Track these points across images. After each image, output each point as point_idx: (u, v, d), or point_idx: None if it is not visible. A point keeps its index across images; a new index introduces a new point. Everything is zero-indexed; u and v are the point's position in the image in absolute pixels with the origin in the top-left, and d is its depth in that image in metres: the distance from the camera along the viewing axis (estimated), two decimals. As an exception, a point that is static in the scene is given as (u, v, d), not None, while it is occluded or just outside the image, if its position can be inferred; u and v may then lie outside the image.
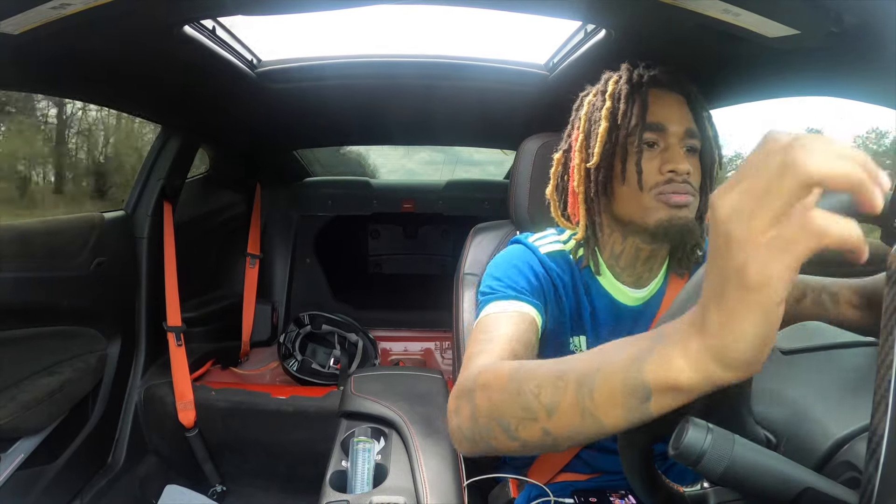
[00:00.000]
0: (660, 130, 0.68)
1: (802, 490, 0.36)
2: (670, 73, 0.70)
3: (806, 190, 0.25)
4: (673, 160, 0.66)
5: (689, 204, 0.67)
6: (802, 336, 0.48)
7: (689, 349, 0.30)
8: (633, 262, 0.74)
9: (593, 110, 0.72)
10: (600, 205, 0.72)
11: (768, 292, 0.26)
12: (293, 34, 1.18)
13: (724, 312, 0.27)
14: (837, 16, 0.60)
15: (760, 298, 0.26)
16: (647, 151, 0.68)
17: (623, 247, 0.74)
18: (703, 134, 0.70)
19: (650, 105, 0.68)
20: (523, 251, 0.76)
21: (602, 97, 0.71)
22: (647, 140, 0.68)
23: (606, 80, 0.73)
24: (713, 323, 0.28)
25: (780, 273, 0.26)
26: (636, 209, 0.69)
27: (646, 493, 0.48)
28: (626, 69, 0.71)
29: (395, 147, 2.74)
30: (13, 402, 1.15)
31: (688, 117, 0.69)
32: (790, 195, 0.25)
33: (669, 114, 0.68)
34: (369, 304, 2.33)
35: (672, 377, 0.30)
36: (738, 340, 0.27)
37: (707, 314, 0.28)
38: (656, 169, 0.67)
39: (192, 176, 1.86)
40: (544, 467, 0.86)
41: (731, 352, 0.28)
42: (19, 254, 1.14)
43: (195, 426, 1.53)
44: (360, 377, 0.99)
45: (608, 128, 0.68)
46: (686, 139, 0.69)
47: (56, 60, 0.97)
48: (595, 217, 0.73)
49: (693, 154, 0.70)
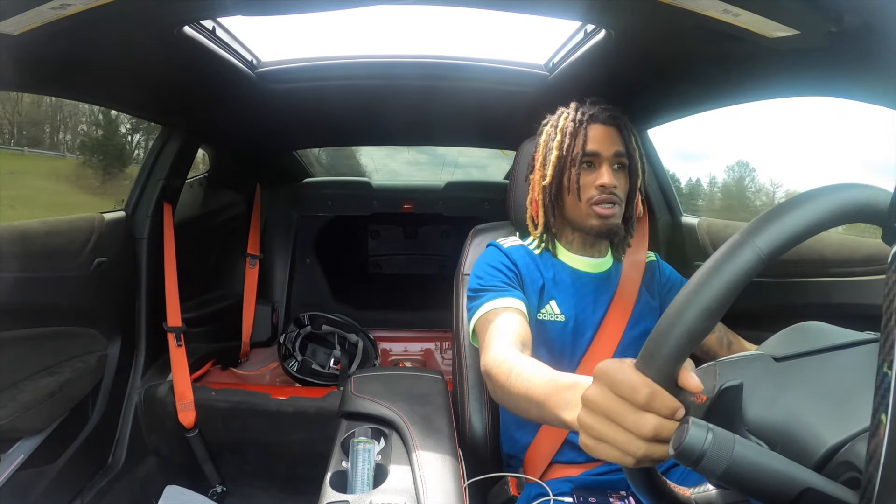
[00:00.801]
0: (595, 155, 0.92)
1: (803, 490, 0.36)
2: (607, 111, 0.93)
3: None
4: (602, 177, 0.90)
5: (614, 213, 0.91)
6: (796, 340, 0.47)
7: (569, 412, 0.53)
8: (582, 245, 0.99)
9: (549, 140, 0.95)
10: (553, 210, 0.96)
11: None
12: (293, 34, 1.18)
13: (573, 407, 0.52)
14: (837, 16, 0.60)
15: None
16: (585, 171, 0.92)
17: (573, 237, 0.98)
18: (630, 154, 0.93)
19: (588, 139, 0.92)
20: (492, 250, 0.99)
21: (555, 131, 0.95)
22: (586, 161, 0.92)
23: (559, 116, 0.96)
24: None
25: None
26: (577, 215, 0.93)
27: (651, 500, 0.48)
28: (573, 108, 0.95)
29: (380, 147, 2.75)
30: (13, 402, 1.15)
31: (618, 142, 0.92)
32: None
33: (602, 143, 0.92)
34: (369, 304, 2.33)
35: (566, 419, 0.53)
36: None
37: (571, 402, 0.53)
38: (591, 184, 0.91)
39: (193, 176, 1.86)
40: (538, 456, 0.91)
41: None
42: (19, 254, 1.14)
43: (195, 426, 1.53)
44: (360, 377, 0.99)
45: (558, 155, 0.93)
46: (615, 159, 0.92)
47: (56, 60, 0.97)
48: (550, 218, 0.97)
49: (623, 169, 0.93)
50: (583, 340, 0.92)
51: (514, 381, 0.66)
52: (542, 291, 0.94)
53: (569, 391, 0.54)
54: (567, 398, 0.53)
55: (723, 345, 0.96)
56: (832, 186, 0.40)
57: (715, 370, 0.45)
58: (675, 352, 0.40)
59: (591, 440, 0.44)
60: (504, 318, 0.84)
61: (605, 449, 0.43)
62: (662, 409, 0.41)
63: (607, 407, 0.42)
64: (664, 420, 0.41)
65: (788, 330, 0.50)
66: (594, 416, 0.43)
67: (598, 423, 0.43)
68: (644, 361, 0.42)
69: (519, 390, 0.64)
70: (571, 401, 0.52)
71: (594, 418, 0.43)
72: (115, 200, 1.60)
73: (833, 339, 0.46)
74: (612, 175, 0.91)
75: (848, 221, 0.40)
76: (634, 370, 0.42)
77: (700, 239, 1.25)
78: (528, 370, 0.66)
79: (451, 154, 2.91)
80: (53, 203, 2.84)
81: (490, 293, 0.89)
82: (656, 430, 0.40)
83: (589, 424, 0.44)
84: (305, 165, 2.49)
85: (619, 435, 0.42)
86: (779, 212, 0.39)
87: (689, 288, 0.40)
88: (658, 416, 0.40)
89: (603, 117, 0.92)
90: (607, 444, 0.42)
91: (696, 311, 0.39)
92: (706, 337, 0.41)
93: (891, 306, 0.31)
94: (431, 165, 3.07)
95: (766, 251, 0.38)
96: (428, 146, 2.69)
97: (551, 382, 0.59)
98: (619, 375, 0.42)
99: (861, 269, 0.93)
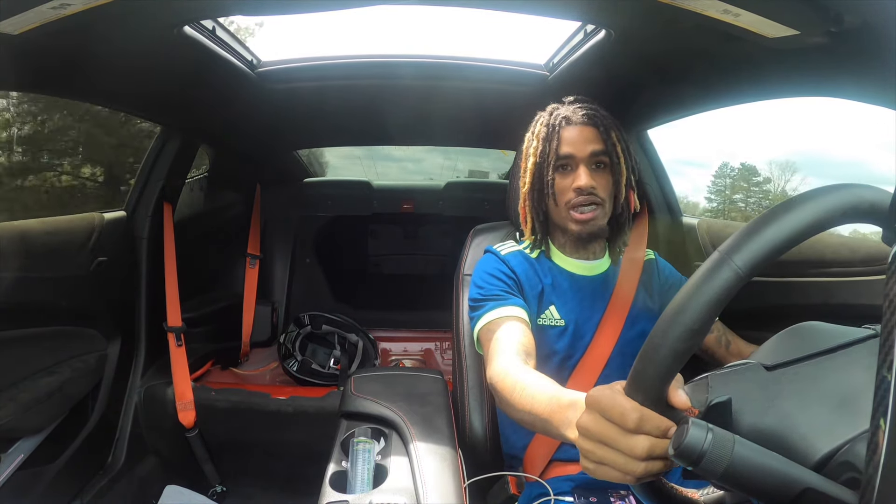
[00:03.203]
0: (569, 158, 0.90)
1: (803, 490, 0.36)
2: (582, 110, 0.91)
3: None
4: (577, 179, 0.89)
5: (594, 216, 0.90)
6: (789, 346, 0.47)
7: (572, 430, 0.52)
8: (576, 248, 0.98)
9: (528, 146, 0.95)
10: (540, 214, 0.95)
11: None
12: (293, 34, 1.18)
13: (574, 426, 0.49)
14: (837, 16, 0.60)
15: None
16: (560, 175, 0.91)
17: (565, 239, 0.98)
18: (609, 151, 0.90)
19: (561, 142, 0.90)
20: (490, 258, 0.99)
21: (532, 137, 0.94)
22: (560, 165, 0.91)
23: (536, 121, 0.95)
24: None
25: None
26: (559, 219, 0.94)
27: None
28: (548, 111, 0.94)
29: (362, 148, 2.76)
30: (13, 402, 1.14)
31: (595, 141, 0.90)
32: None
33: (576, 144, 0.90)
34: (369, 304, 2.32)
35: (570, 437, 0.54)
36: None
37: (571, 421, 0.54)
38: (568, 187, 0.90)
39: (193, 176, 1.86)
40: (537, 455, 0.91)
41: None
42: (19, 254, 1.14)
43: (195, 426, 1.53)
44: (360, 377, 0.99)
45: (535, 161, 0.92)
46: (592, 159, 0.90)
47: (56, 60, 0.97)
48: (536, 223, 0.96)
49: (603, 168, 0.91)
50: (581, 343, 0.93)
51: (518, 397, 0.68)
52: (542, 297, 0.94)
53: (570, 410, 0.56)
54: (569, 417, 0.55)
55: (721, 345, 0.96)
56: (814, 192, 0.40)
57: (707, 383, 0.45)
58: (661, 373, 0.41)
59: (591, 464, 0.46)
60: (506, 328, 0.84)
61: (605, 471, 0.45)
62: (653, 430, 0.42)
63: (600, 433, 0.44)
64: (657, 440, 0.42)
65: (782, 334, 0.49)
66: (590, 442, 0.45)
67: (595, 447, 0.45)
68: (632, 385, 0.43)
69: (523, 406, 0.66)
70: (573, 419, 0.53)
71: (590, 444, 0.45)
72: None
73: (829, 338, 0.45)
74: (590, 176, 0.89)
75: (839, 224, 0.40)
76: (623, 395, 0.44)
77: (700, 239, 1.25)
78: (532, 386, 0.67)
79: (427, 165, 2.97)
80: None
81: (491, 302, 0.89)
82: (650, 450, 0.42)
83: (587, 449, 0.46)
84: (305, 165, 2.49)
85: (616, 458, 0.43)
86: (755, 227, 0.40)
87: (671, 309, 0.41)
88: (650, 437, 0.42)
89: (576, 118, 0.91)
90: (606, 466, 0.44)
91: (679, 332, 0.40)
92: (694, 351, 0.41)
93: (891, 306, 0.31)
94: (412, 172, 3.21)
95: (745, 269, 0.39)
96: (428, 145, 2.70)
97: (553, 400, 0.61)
98: (609, 402, 0.44)
99: (861, 269, 0.93)
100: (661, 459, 0.43)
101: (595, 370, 0.90)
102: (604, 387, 0.46)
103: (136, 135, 3.19)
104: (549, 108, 0.95)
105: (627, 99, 1.17)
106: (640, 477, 0.43)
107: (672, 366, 0.41)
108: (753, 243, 0.39)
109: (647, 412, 0.42)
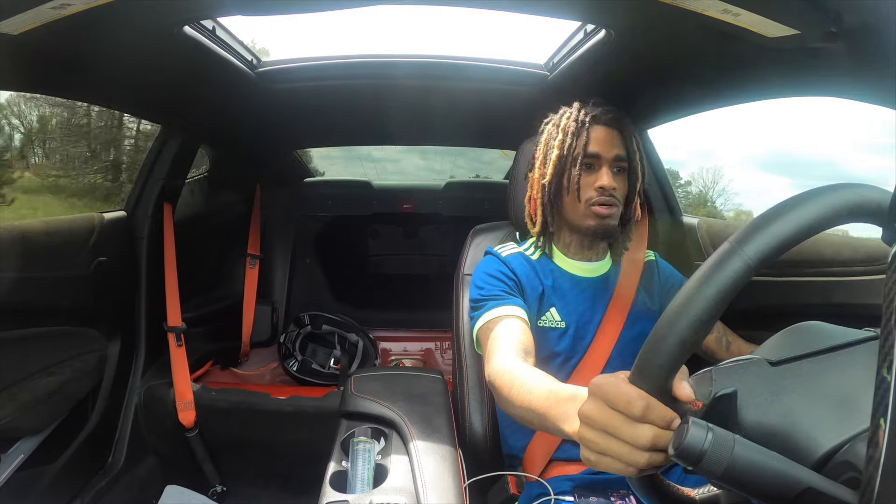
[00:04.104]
0: (595, 157, 0.91)
1: (803, 490, 0.36)
2: (609, 113, 0.92)
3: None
4: (601, 179, 0.90)
5: (612, 214, 0.91)
6: (792, 343, 0.47)
7: (570, 424, 0.53)
8: (580, 249, 0.99)
9: (550, 139, 0.95)
10: (552, 209, 0.95)
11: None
12: (293, 34, 1.18)
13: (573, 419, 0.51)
14: (837, 16, 0.60)
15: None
16: (585, 172, 0.91)
17: (570, 239, 0.98)
18: (630, 157, 0.93)
19: (590, 140, 0.91)
20: (490, 259, 0.99)
21: (557, 130, 0.94)
22: (586, 163, 0.91)
23: (561, 115, 0.95)
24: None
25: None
26: (575, 215, 0.93)
27: (656, 503, 0.48)
28: (576, 108, 0.94)
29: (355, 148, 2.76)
30: (13, 402, 1.14)
31: (619, 146, 0.92)
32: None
33: (603, 145, 0.91)
34: (369, 304, 2.32)
35: (568, 431, 0.54)
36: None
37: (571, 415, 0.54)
38: (591, 185, 0.91)
39: (192, 176, 1.86)
40: (537, 455, 0.91)
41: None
42: (19, 254, 1.14)
43: (195, 426, 1.53)
44: (360, 377, 0.99)
45: (559, 154, 0.92)
46: (615, 162, 0.92)
47: (56, 60, 0.97)
48: (548, 217, 0.96)
49: (622, 173, 0.93)
50: (582, 345, 0.93)
51: (516, 394, 0.68)
52: (542, 299, 0.94)
53: (568, 403, 0.55)
54: (567, 411, 0.55)
55: (721, 345, 0.96)
56: (822, 189, 0.40)
57: (711, 376, 0.45)
58: (667, 363, 0.41)
59: (592, 454, 0.45)
60: (505, 327, 0.85)
61: (607, 462, 0.44)
62: (658, 420, 0.41)
63: (604, 421, 0.43)
64: (661, 430, 0.41)
65: (785, 331, 0.49)
66: (593, 431, 0.44)
67: (598, 437, 0.44)
68: (638, 373, 0.42)
69: (521, 402, 0.66)
70: (571, 413, 0.53)
71: (593, 433, 0.44)
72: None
73: (830, 338, 0.45)
74: (612, 178, 0.91)
75: (843, 223, 0.40)
76: (628, 383, 0.43)
77: (700, 239, 1.25)
78: (529, 381, 0.67)
79: (410, 167, 3.00)
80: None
81: (491, 302, 0.89)
82: (654, 440, 0.41)
83: (589, 439, 0.45)
84: (305, 165, 2.49)
85: (619, 447, 0.42)
86: (767, 219, 0.40)
87: (679, 299, 0.41)
88: (655, 427, 0.41)
89: (605, 119, 0.92)
90: (609, 457, 0.43)
91: (687, 322, 0.39)
92: (701, 343, 0.41)
93: (891, 306, 0.31)
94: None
95: (755, 259, 0.39)
96: (428, 145, 2.70)
97: (551, 395, 0.60)
98: (614, 389, 0.43)
99: (861, 269, 0.93)
100: (664, 451, 0.42)
101: (595, 371, 0.90)
102: (608, 375, 0.45)
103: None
104: (575, 105, 0.95)
105: (627, 99, 1.17)
106: (642, 468, 0.42)
107: (678, 357, 0.40)
108: (763, 235, 0.39)
109: (653, 401, 0.41)
